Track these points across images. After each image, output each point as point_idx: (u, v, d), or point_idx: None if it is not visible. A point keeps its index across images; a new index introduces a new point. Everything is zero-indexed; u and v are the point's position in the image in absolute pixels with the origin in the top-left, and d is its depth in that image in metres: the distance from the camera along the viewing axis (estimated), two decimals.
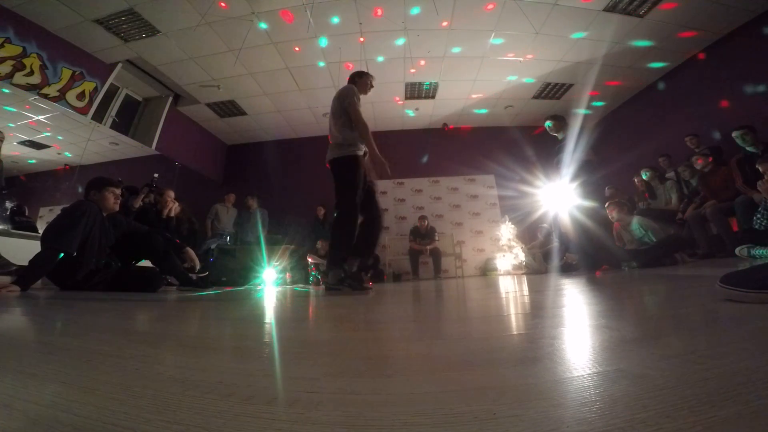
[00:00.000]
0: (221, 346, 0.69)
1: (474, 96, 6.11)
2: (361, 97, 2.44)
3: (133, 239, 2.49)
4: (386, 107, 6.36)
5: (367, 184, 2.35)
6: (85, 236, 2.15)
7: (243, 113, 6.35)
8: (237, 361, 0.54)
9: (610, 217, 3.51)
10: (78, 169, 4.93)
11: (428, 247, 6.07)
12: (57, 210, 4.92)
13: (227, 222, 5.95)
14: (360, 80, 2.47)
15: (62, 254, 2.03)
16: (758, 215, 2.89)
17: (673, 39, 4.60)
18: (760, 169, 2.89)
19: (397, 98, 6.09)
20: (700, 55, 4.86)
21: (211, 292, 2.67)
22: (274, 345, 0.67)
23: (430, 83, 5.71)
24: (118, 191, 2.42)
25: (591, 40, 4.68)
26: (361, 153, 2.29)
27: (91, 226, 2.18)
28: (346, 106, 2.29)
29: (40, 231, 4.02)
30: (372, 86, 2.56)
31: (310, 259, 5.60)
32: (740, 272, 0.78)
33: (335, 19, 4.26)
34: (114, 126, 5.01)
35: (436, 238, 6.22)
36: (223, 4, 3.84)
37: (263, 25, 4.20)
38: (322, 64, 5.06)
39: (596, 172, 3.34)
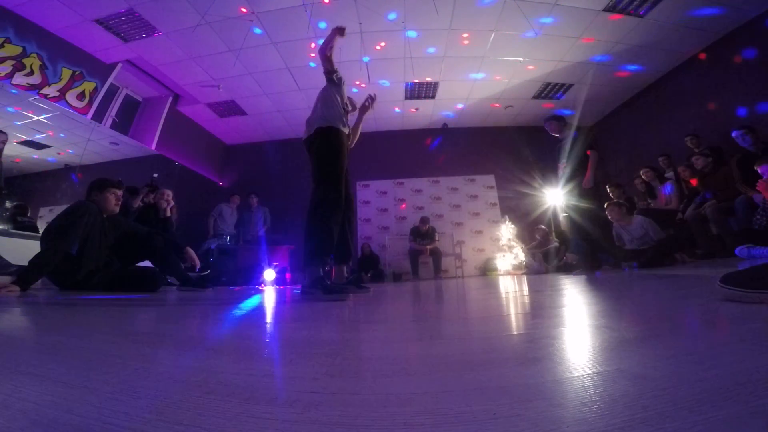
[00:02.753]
0: (221, 346, 0.69)
1: (474, 96, 6.11)
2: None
3: (134, 239, 2.48)
4: (386, 107, 6.36)
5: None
6: (85, 236, 2.15)
7: (243, 113, 6.35)
8: (237, 361, 0.54)
9: (609, 217, 3.51)
10: (78, 169, 4.93)
11: (428, 247, 6.07)
12: (57, 210, 4.91)
13: (231, 223, 5.96)
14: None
15: (62, 254, 2.03)
16: (758, 215, 2.89)
17: (673, 38, 4.60)
18: (759, 171, 2.89)
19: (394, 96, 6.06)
20: (700, 55, 4.86)
21: (210, 291, 2.67)
22: (274, 345, 0.67)
23: (430, 83, 5.71)
24: (120, 192, 2.42)
25: (591, 40, 4.68)
26: (345, 130, 2.08)
27: (91, 226, 2.18)
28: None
29: (41, 231, 4.02)
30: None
31: None
32: (740, 272, 0.78)
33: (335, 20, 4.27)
34: (114, 126, 5.01)
35: (436, 238, 6.22)
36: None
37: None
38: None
39: (596, 171, 3.33)
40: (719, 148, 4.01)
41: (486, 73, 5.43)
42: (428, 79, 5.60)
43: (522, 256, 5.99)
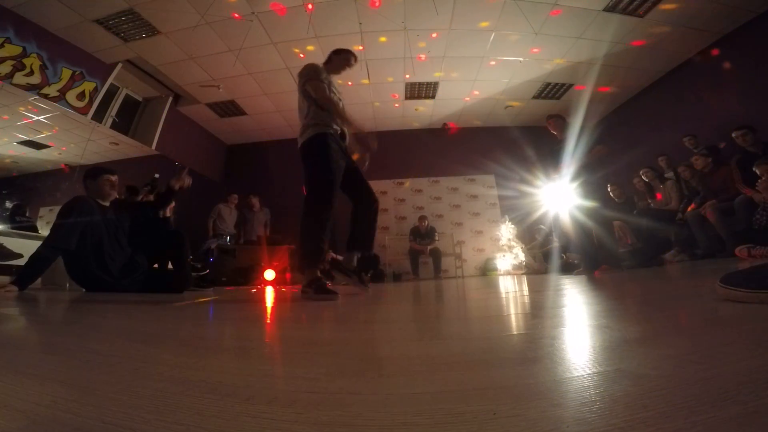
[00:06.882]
0: (221, 346, 0.69)
1: (474, 94, 6.11)
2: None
3: (153, 227, 2.53)
4: (386, 107, 6.36)
5: (352, 165, 2.05)
6: (84, 230, 2.11)
7: (243, 113, 6.35)
8: (237, 361, 0.54)
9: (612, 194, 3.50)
10: (78, 169, 4.93)
11: (428, 247, 6.06)
12: (57, 210, 4.91)
13: (230, 222, 5.94)
14: (336, 57, 2.15)
15: (58, 252, 2.02)
16: (758, 215, 2.89)
17: (673, 38, 4.60)
18: (758, 172, 2.89)
19: (396, 95, 6.06)
20: (700, 55, 4.86)
21: (211, 291, 2.67)
22: (273, 345, 0.67)
23: (430, 83, 5.71)
24: (114, 178, 2.41)
25: (591, 40, 4.68)
26: (332, 131, 1.96)
27: (87, 219, 2.14)
28: (306, 87, 1.99)
29: (41, 231, 4.02)
30: (352, 64, 2.19)
31: None
32: (740, 272, 0.78)
33: (334, 19, 4.26)
34: (114, 126, 5.01)
35: (436, 238, 6.22)
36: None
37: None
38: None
39: (597, 171, 3.32)
40: (716, 148, 4.00)
41: (486, 72, 5.42)
42: (428, 80, 5.60)
43: (522, 256, 5.99)
